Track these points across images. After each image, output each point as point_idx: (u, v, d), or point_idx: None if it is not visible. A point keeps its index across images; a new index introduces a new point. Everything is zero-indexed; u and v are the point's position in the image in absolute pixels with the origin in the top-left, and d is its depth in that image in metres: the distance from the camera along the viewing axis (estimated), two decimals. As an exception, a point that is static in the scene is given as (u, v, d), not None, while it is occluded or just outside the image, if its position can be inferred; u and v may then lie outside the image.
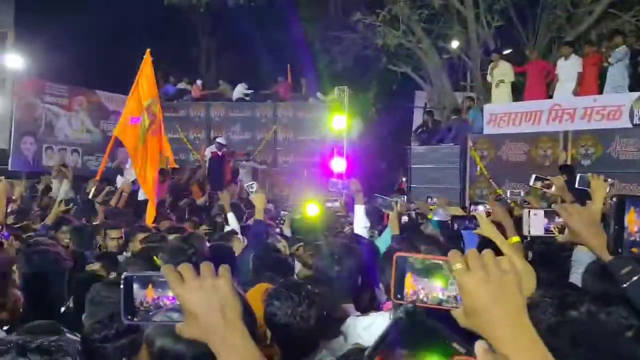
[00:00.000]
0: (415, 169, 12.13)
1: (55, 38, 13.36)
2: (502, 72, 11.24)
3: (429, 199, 7.54)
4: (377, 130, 16.40)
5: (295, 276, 3.32)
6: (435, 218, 4.42)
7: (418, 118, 15.04)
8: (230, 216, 4.91)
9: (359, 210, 3.97)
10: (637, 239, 1.30)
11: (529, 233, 2.04)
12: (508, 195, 7.55)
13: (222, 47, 19.78)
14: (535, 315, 1.56)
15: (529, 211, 2.01)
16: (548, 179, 4.24)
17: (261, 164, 13.92)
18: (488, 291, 0.90)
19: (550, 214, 1.95)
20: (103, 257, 3.49)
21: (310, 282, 2.14)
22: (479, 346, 0.87)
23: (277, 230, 5.52)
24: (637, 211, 1.27)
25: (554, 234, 1.96)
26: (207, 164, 12.36)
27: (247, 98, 14.94)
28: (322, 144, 13.89)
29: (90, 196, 6.33)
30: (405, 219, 5.08)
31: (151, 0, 15.17)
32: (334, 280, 2.47)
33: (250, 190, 5.06)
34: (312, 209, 5.26)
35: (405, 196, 8.73)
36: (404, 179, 14.59)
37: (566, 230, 1.81)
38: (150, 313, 1.08)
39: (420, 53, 13.59)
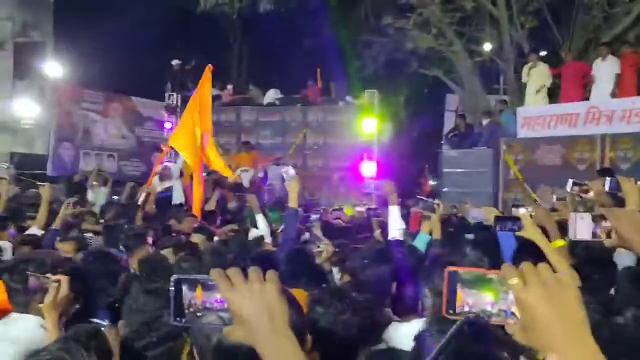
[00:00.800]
0: (447, 172, 12.00)
1: (92, 46, 13.74)
2: (540, 74, 11.04)
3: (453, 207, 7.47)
4: (409, 134, 16.34)
5: (337, 282, 3.32)
6: (472, 216, 4.36)
7: (449, 121, 14.89)
8: (260, 218, 4.89)
9: (394, 212, 3.96)
10: None
11: (575, 237, 2.00)
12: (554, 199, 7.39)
13: (253, 53, 20.02)
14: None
15: (576, 215, 1.98)
16: (586, 184, 4.14)
17: (292, 168, 14.01)
18: (549, 307, 0.88)
19: (597, 218, 1.92)
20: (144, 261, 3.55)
21: (352, 289, 2.13)
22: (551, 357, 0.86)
23: (307, 234, 5.53)
24: None
25: (601, 238, 1.92)
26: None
27: (277, 102, 15.03)
28: (352, 148, 13.82)
29: (139, 202, 6.47)
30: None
31: (184, 8, 15.46)
32: (366, 285, 2.47)
33: (287, 175, 5.09)
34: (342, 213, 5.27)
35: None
36: (430, 182, 14.48)
37: (613, 235, 1.77)
38: (199, 314, 1.10)
39: (451, 56, 13.47)
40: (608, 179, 3.27)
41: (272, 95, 15.11)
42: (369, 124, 13.29)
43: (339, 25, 15.93)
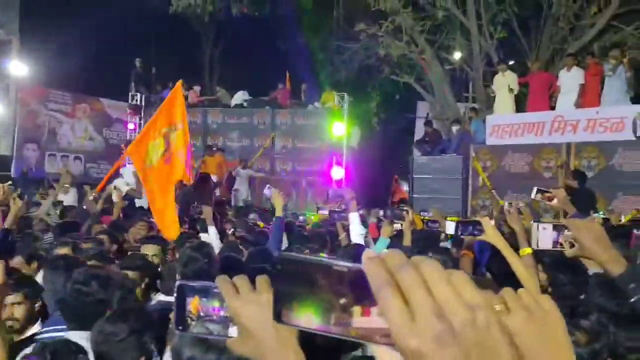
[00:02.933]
0: (417, 179, 12.14)
1: (60, 46, 13.44)
2: (509, 82, 11.27)
3: (423, 213, 7.55)
4: (380, 140, 16.44)
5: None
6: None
7: (420, 128, 15.08)
8: (212, 230, 4.70)
9: (354, 218, 4.01)
10: None
11: (537, 246, 2.03)
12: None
13: (226, 55, 19.91)
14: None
15: (538, 224, 2.01)
16: (550, 192, 4.23)
17: (258, 172, 13.81)
18: (535, 332, 0.87)
19: (559, 228, 1.95)
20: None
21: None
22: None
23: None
24: None
25: (562, 247, 1.96)
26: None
27: (245, 104, 14.85)
28: (321, 152, 13.79)
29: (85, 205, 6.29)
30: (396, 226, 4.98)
31: (156, 10, 15.27)
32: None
33: (268, 194, 5.00)
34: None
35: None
36: (405, 189, 14.57)
37: (575, 245, 1.81)
38: (194, 323, 1.07)
39: (423, 63, 13.64)
40: (535, 188, 3.39)
41: (240, 97, 14.96)
42: (338, 128, 13.31)
43: (312, 30, 15.99)
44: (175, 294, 1.05)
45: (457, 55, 14.06)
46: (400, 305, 0.54)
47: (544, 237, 1.97)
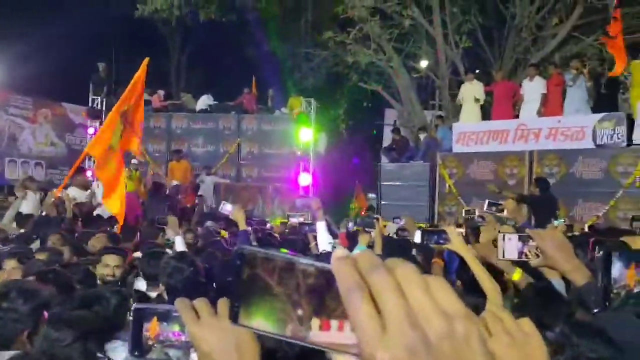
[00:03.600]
0: (385, 185, 12.23)
1: (21, 50, 13.08)
2: (476, 91, 11.47)
3: (396, 220, 7.59)
4: (348, 147, 16.53)
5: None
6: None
7: (388, 135, 15.23)
8: (179, 240, 4.49)
9: (321, 227, 4.01)
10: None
11: (503, 257, 2.05)
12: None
13: (192, 61, 19.72)
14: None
15: (504, 235, 2.03)
16: (501, 204, 4.35)
17: (223, 178, 13.54)
18: (517, 357, 0.85)
19: (524, 238, 1.97)
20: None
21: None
22: None
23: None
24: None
25: (528, 258, 1.98)
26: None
27: (209, 109, 14.57)
28: (288, 158, 13.66)
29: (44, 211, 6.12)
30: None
31: (121, 14, 15.03)
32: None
33: (227, 212, 4.87)
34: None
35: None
36: (372, 195, 14.62)
37: (540, 255, 1.83)
38: (153, 348, 1.02)
39: (390, 71, 13.78)
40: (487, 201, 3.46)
41: (204, 101, 14.69)
42: (305, 134, 13.22)
43: (280, 37, 15.99)
44: (131, 318, 1.01)
45: (423, 64, 14.26)
46: (371, 311, 0.48)
47: (510, 247, 1.98)
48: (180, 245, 4.32)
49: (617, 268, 0.98)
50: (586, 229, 6.25)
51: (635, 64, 9.58)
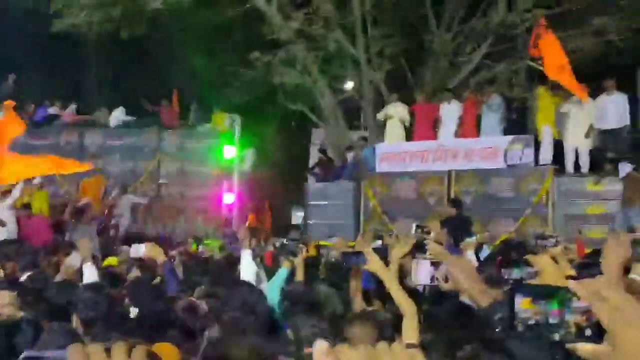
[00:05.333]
0: (312, 205, 12.36)
1: None
2: (400, 113, 11.88)
3: (331, 239, 7.70)
4: (275, 166, 16.55)
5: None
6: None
7: (315, 155, 15.43)
8: (88, 268, 4.01)
9: (246, 255, 3.97)
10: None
11: (417, 281, 2.16)
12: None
13: (114, 77, 19.09)
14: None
15: (417, 260, 2.14)
16: (427, 226, 4.54)
17: (142, 197, 12.88)
18: None
19: (435, 264, 2.09)
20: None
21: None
22: None
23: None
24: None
25: (438, 282, 2.10)
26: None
27: (122, 124, 13.97)
28: (211, 176, 13.26)
29: None
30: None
31: (37, 28, 14.36)
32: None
33: (138, 251, 4.56)
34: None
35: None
36: (300, 214, 14.67)
37: (449, 279, 1.96)
38: None
39: (316, 92, 14.02)
40: (414, 225, 3.65)
41: (118, 116, 14.04)
42: (229, 151, 12.85)
43: (207, 55, 15.85)
44: None
45: (349, 85, 14.63)
46: None
47: (421, 272, 2.10)
48: (89, 273, 3.94)
49: (519, 301, 1.11)
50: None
51: (541, 91, 10.33)
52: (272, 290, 3.48)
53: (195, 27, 15.03)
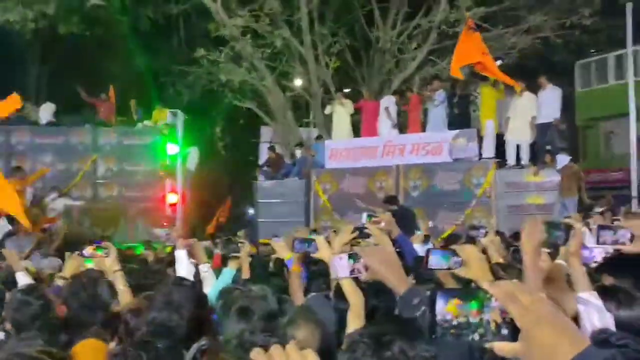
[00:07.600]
0: (262, 203, 12.28)
1: None
2: (347, 109, 11.94)
3: (275, 238, 7.63)
4: (224, 165, 16.36)
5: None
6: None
7: (264, 153, 15.32)
8: (21, 276, 3.91)
9: (181, 255, 3.88)
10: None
11: (337, 276, 2.15)
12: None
13: (54, 73, 18.41)
14: (355, 358, 1.59)
15: (336, 257, 2.14)
16: (377, 216, 4.53)
17: (77, 200, 12.13)
18: None
19: (354, 256, 2.09)
20: None
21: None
22: None
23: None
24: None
25: (360, 273, 2.10)
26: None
27: (55, 121, 13.10)
28: (153, 175, 12.66)
29: None
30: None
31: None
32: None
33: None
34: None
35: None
36: (251, 211, 14.50)
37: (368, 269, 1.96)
38: None
39: (264, 90, 13.92)
40: (365, 214, 3.65)
41: (47, 110, 13.13)
42: (172, 149, 12.20)
43: (150, 53, 15.50)
44: None
45: (297, 82, 14.61)
46: None
47: (341, 266, 2.09)
48: (23, 280, 3.84)
49: (440, 304, 1.12)
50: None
51: (484, 87, 10.60)
52: (217, 290, 3.42)
53: (136, 24, 14.66)
